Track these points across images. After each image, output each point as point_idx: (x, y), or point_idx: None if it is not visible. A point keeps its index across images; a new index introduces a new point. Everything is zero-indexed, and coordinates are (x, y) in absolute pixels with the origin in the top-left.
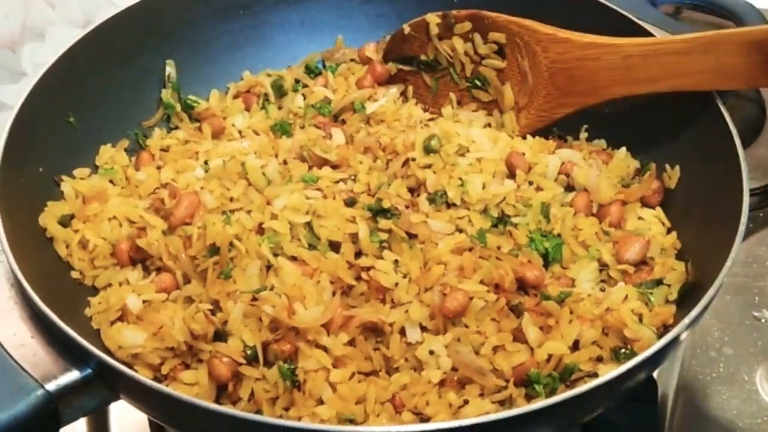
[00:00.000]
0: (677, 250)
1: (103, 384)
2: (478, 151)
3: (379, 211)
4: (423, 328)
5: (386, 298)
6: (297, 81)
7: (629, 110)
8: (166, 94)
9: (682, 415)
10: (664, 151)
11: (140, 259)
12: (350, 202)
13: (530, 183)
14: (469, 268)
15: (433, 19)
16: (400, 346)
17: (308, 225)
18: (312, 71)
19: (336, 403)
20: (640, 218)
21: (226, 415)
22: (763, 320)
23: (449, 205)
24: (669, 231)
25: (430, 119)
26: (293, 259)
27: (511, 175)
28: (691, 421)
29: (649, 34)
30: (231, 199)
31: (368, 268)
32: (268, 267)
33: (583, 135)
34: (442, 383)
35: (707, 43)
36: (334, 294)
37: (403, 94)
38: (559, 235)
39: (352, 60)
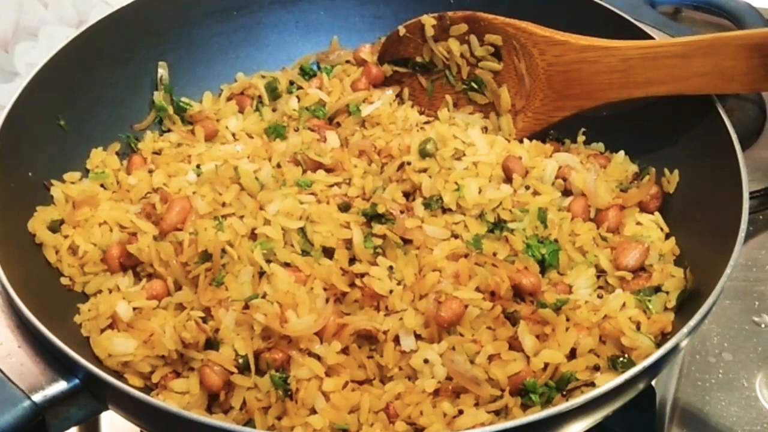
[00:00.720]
0: (676, 256)
1: (91, 395)
2: (474, 155)
3: (373, 216)
4: (417, 336)
5: (380, 306)
6: (291, 83)
7: (628, 113)
8: (158, 97)
9: (680, 421)
10: (663, 155)
11: (131, 265)
12: (344, 207)
13: (527, 187)
14: (465, 274)
15: (428, 20)
16: (394, 354)
17: (302, 230)
18: (307, 73)
19: (329, 412)
20: (638, 223)
21: (215, 427)
22: (762, 325)
23: (445, 210)
24: (668, 236)
25: (426, 122)
26: (286, 265)
27: (508, 179)
28: (690, 428)
29: (648, 37)
30: (223, 204)
31: (362, 275)
32: (261, 273)
33: (581, 138)
34: (436, 392)
35: (707, 46)
36: (327, 301)
37: (399, 96)
38: (556, 241)
39: (348, 62)
